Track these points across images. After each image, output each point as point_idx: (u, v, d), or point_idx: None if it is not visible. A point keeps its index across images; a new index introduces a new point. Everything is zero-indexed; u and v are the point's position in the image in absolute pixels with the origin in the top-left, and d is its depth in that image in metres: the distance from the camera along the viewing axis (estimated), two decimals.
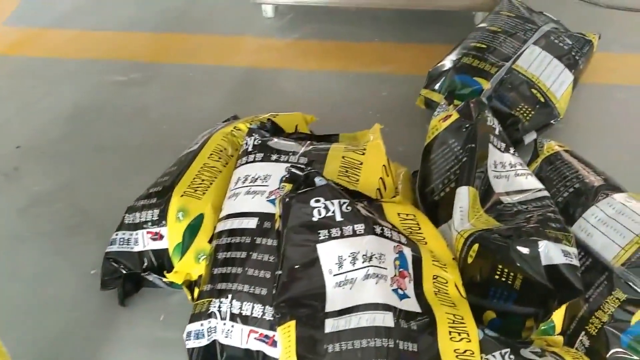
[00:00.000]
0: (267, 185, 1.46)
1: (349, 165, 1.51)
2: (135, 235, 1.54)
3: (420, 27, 2.57)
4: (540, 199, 1.45)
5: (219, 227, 1.45)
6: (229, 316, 1.30)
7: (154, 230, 1.52)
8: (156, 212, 1.52)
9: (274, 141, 1.58)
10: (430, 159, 1.64)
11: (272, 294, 1.25)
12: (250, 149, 1.56)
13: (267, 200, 1.43)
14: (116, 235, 1.58)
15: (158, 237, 1.52)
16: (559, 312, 1.26)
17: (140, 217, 1.55)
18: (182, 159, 1.66)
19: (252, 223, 1.40)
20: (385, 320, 1.16)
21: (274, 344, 1.26)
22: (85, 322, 1.56)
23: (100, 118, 2.21)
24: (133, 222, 1.56)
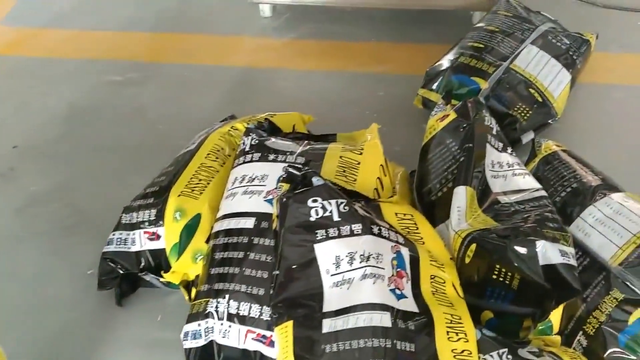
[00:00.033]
0: (264, 185, 1.46)
1: (347, 165, 1.51)
2: (132, 235, 1.54)
3: (417, 27, 2.57)
4: (538, 199, 1.45)
5: (216, 227, 1.45)
6: (226, 316, 1.30)
7: (151, 230, 1.52)
8: (153, 212, 1.52)
9: (271, 141, 1.58)
10: (427, 159, 1.63)
11: (269, 294, 1.25)
12: (247, 148, 1.56)
13: (265, 200, 1.42)
14: (113, 235, 1.57)
15: (155, 237, 1.51)
16: (556, 312, 1.26)
17: (137, 217, 1.54)
18: (179, 158, 1.66)
19: (249, 223, 1.40)
20: (383, 320, 1.16)
21: (271, 344, 1.26)
22: (83, 322, 1.55)
23: (97, 118, 2.21)
24: (130, 222, 1.55)
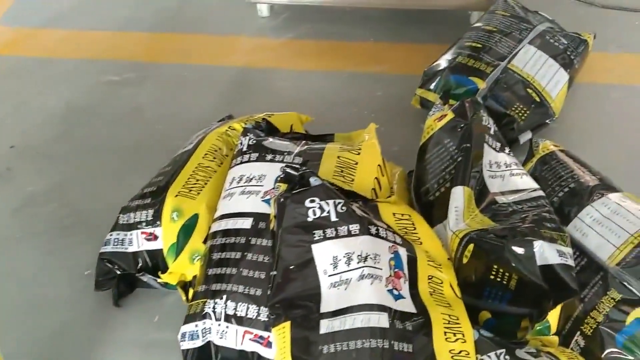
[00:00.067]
0: (262, 185, 1.45)
1: (344, 165, 1.50)
2: (129, 235, 1.54)
3: (415, 27, 2.57)
4: (536, 199, 1.45)
5: (214, 228, 1.44)
6: (223, 317, 1.30)
7: (149, 230, 1.52)
8: (150, 212, 1.52)
9: (269, 141, 1.58)
10: (425, 159, 1.63)
11: (266, 295, 1.24)
12: (245, 148, 1.56)
13: (262, 201, 1.42)
14: (110, 235, 1.57)
15: (152, 237, 1.51)
16: (554, 312, 1.26)
17: (135, 218, 1.54)
18: (177, 158, 1.65)
19: (246, 223, 1.39)
20: (380, 320, 1.15)
21: (268, 345, 1.26)
22: (80, 322, 1.55)
23: (95, 118, 2.20)
24: (127, 223, 1.55)
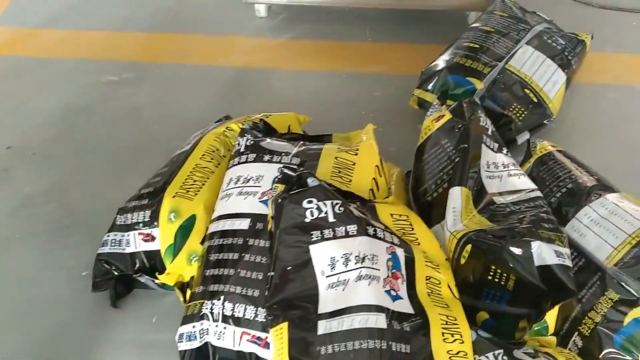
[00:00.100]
0: (259, 186, 1.45)
1: (342, 166, 1.50)
2: (126, 236, 1.53)
3: (413, 27, 2.57)
4: (533, 200, 1.45)
5: (211, 228, 1.44)
6: (221, 318, 1.30)
7: (146, 231, 1.51)
8: (148, 213, 1.52)
9: (266, 141, 1.57)
10: (423, 160, 1.63)
11: (264, 296, 1.24)
12: (242, 149, 1.56)
13: (260, 201, 1.42)
14: (108, 236, 1.57)
15: (150, 238, 1.51)
16: (552, 312, 1.26)
17: (132, 218, 1.54)
18: (174, 159, 1.65)
19: (244, 224, 1.39)
20: (378, 321, 1.15)
21: (266, 345, 1.26)
22: (78, 323, 1.55)
23: (92, 118, 2.20)
24: (125, 224, 1.55)
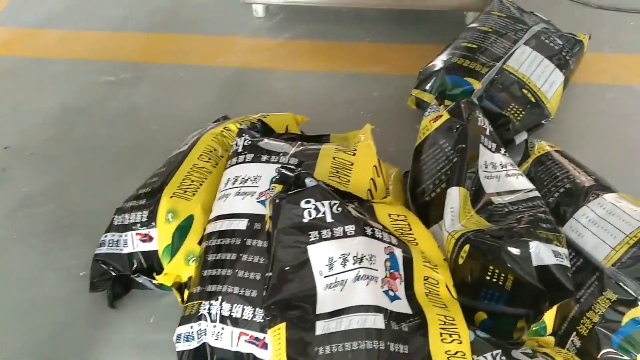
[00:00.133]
0: (257, 186, 1.45)
1: (340, 166, 1.50)
2: (124, 236, 1.53)
3: (411, 27, 2.58)
4: (531, 200, 1.45)
5: (209, 229, 1.44)
6: (219, 318, 1.30)
7: (143, 231, 1.51)
8: (145, 213, 1.51)
9: (264, 142, 1.57)
10: (421, 160, 1.63)
11: (262, 296, 1.24)
12: (240, 149, 1.55)
13: (258, 202, 1.42)
14: (105, 236, 1.57)
15: (147, 238, 1.51)
16: (550, 312, 1.25)
17: (130, 219, 1.54)
18: (172, 159, 1.65)
19: (242, 224, 1.39)
20: (376, 322, 1.15)
21: (264, 346, 1.26)
22: (75, 324, 1.54)
23: (90, 119, 2.20)
24: (122, 224, 1.55)
